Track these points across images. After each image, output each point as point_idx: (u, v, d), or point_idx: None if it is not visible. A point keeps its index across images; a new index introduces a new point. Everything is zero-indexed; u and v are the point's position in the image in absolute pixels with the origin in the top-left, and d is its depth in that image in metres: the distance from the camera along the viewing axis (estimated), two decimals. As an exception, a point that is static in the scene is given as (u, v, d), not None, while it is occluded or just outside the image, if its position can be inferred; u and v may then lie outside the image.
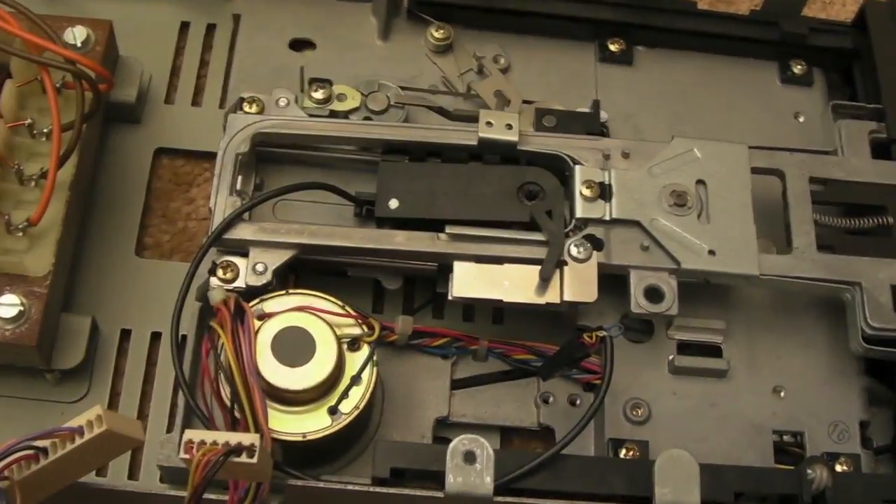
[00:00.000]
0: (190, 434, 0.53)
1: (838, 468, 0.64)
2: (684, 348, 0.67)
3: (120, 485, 0.62)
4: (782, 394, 0.66)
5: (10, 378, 0.65)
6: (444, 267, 0.64)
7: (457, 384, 0.66)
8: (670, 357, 0.66)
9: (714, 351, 0.67)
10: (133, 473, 0.64)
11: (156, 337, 0.67)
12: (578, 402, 0.66)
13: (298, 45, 0.74)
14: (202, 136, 0.72)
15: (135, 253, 0.70)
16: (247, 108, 0.67)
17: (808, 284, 0.65)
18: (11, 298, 0.62)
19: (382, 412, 0.65)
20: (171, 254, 0.71)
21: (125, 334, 0.67)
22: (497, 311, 0.69)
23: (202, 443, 0.53)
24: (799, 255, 0.65)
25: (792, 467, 0.62)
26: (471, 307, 0.69)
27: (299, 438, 0.59)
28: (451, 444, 0.57)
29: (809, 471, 0.60)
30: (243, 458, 0.52)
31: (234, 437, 0.53)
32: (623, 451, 0.63)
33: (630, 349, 0.66)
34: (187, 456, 0.52)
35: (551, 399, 0.66)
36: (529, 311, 0.64)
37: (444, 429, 0.65)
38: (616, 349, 0.64)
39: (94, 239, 0.69)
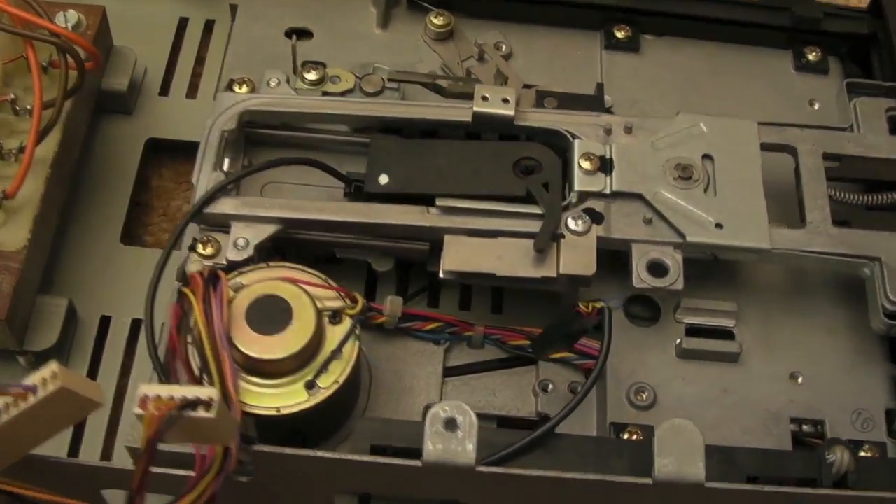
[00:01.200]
0: (145, 388, 0.49)
1: (864, 455, 0.58)
2: (693, 332, 0.62)
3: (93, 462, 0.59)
4: (800, 380, 0.61)
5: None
6: (436, 247, 0.61)
7: (449, 371, 0.62)
8: (678, 340, 0.62)
9: (725, 334, 0.62)
10: (107, 455, 0.61)
11: (136, 325, 0.65)
12: (580, 389, 0.61)
13: (295, 34, 0.72)
14: (196, 128, 0.70)
15: (120, 241, 0.68)
16: (237, 89, 0.66)
17: (825, 260, 0.60)
18: (-17, 272, 0.60)
19: (370, 397, 0.61)
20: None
21: (105, 321, 0.65)
22: (495, 299, 0.65)
23: (157, 397, 0.49)
24: (813, 230, 0.61)
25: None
26: (468, 295, 0.65)
27: (274, 413, 0.55)
28: (431, 410, 0.52)
29: (829, 454, 0.55)
30: (200, 413, 0.48)
31: (192, 391, 0.49)
32: (626, 436, 0.58)
33: (635, 332, 0.62)
34: (141, 411, 0.49)
35: (550, 387, 0.62)
36: (526, 288, 0.61)
37: (436, 416, 0.61)
38: (621, 332, 0.61)
39: (80, 224, 0.67)
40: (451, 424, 0.52)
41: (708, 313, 0.62)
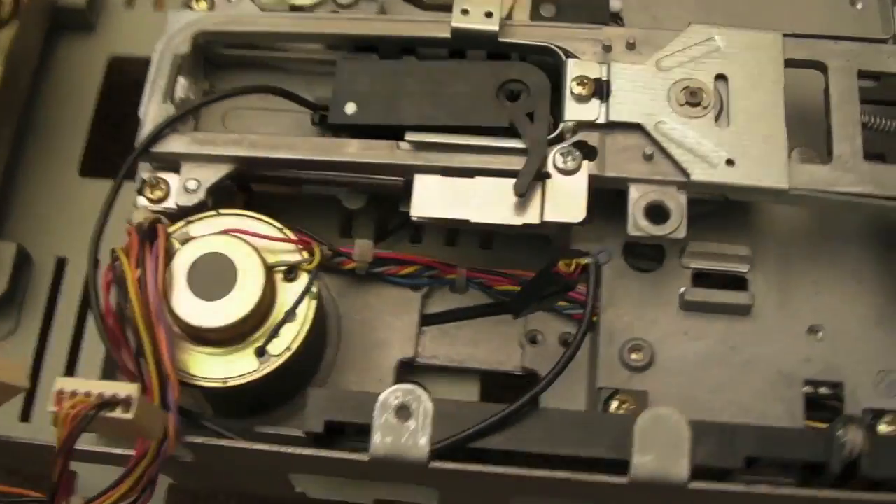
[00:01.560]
0: (62, 383, 0.44)
1: (884, 428, 0.51)
2: (700, 279, 0.55)
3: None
4: (819, 335, 0.54)
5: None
6: (409, 183, 0.55)
7: (427, 320, 0.56)
8: (682, 290, 0.54)
9: (737, 283, 0.55)
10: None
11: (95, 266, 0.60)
12: (571, 343, 0.54)
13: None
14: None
15: (79, 174, 0.62)
16: (194, 6, 0.59)
17: (853, 202, 0.52)
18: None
19: (339, 351, 0.56)
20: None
21: (60, 264, 0.60)
22: (484, 235, 0.59)
23: (73, 393, 0.44)
24: (841, 165, 0.53)
25: (824, 425, 0.50)
26: (454, 230, 0.59)
27: (220, 385, 0.50)
28: (381, 397, 0.47)
29: (840, 433, 0.49)
30: (118, 414, 0.44)
31: (111, 388, 0.44)
32: (615, 405, 0.52)
33: (633, 279, 0.55)
34: (55, 409, 0.44)
35: (539, 338, 0.56)
36: (510, 233, 0.54)
37: (411, 373, 0.56)
38: (617, 279, 0.55)
39: (32, 158, 0.62)
40: (403, 413, 0.47)
41: (718, 258, 0.55)
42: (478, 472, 0.47)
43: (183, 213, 0.54)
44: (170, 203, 0.54)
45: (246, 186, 0.57)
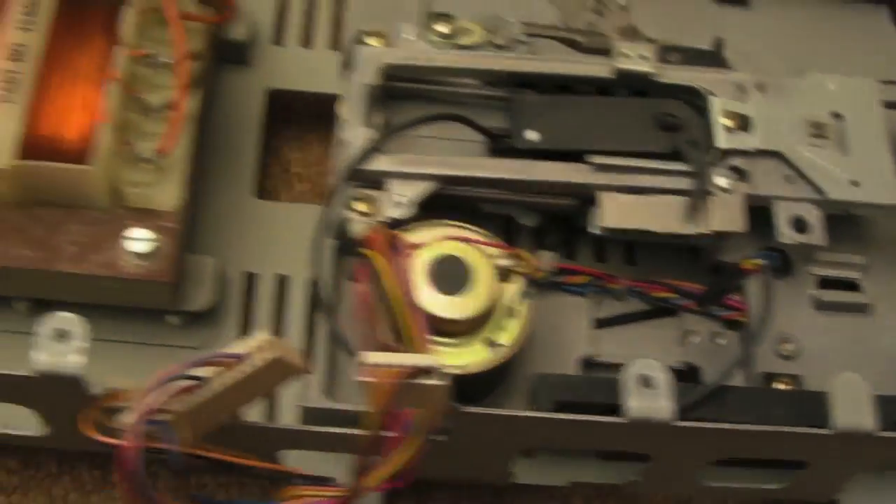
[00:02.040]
0: (370, 356, 0.50)
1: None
2: (825, 283, 0.65)
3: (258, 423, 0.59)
4: (926, 329, 0.65)
5: (132, 323, 0.61)
6: (584, 202, 0.63)
7: (600, 323, 0.64)
8: (812, 292, 0.64)
9: (854, 286, 0.65)
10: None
11: (282, 280, 0.65)
12: (720, 339, 0.63)
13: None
14: (314, 77, 0.70)
15: (253, 195, 0.67)
16: (369, 41, 0.65)
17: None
18: (144, 233, 0.58)
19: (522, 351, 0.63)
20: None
21: (250, 277, 0.64)
22: (629, 250, 0.67)
23: (381, 365, 0.50)
24: (940, 186, 0.64)
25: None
26: (603, 245, 0.67)
27: (459, 371, 0.56)
28: (627, 369, 0.55)
29: None
30: (428, 381, 0.50)
31: (413, 359, 0.50)
32: (777, 385, 0.61)
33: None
34: (372, 379, 0.49)
35: (694, 338, 0.64)
36: (673, 244, 0.63)
37: (588, 369, 0.63)
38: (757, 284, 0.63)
39: (212, 180, 0.66)
40: (646, 381, 0.55)
41: (838, 266, 0.65)
42: (715, 428, 0.55)
43: (391, 225, 0.60)
44: (378, 216, 0.60)
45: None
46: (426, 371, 0.50)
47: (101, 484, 0.63)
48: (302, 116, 0.73)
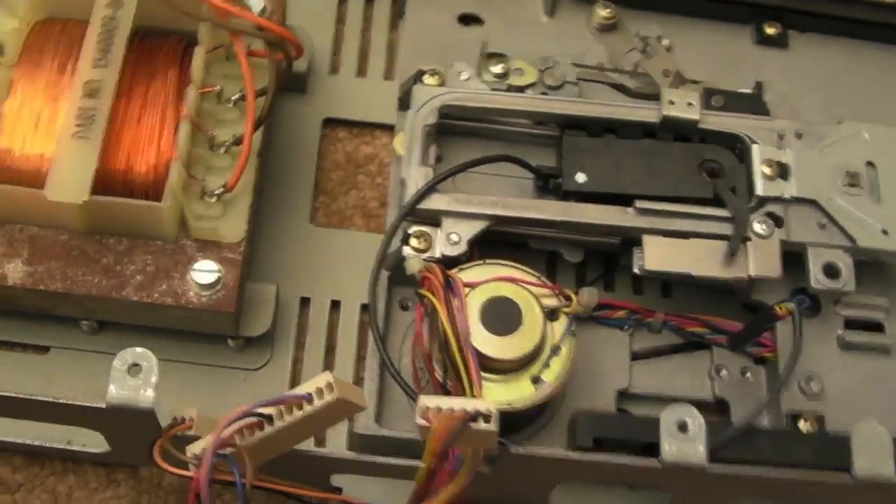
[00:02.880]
0: (426, 400, 0.53)
1: None
2: (850, 324, 0.68)
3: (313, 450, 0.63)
4: (947, 371, 0.68)
5: (193, 345, 0.65)
6: (626, 241, 0.66)
7: (636, 356, 0.67)
8: (839, 332, 0.68)
9: (879, 327, 0.68)
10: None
11: (334, 306, 0.68)
12: (749, 374, 0.67)
13: (466, 20, 0.74)
14: (369, 107, 0.73)
15: (309, 222, 0.70)
16: (427, 81, 0.68)
17: None
18: (209, 264, 0.62)
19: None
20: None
21: (304, 302, 0.68)
22: (665, 285, 0.70)
23: (438, 409, 0.53)
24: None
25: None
26: (640, 281, 0.70)
27: (507, 407, 0.60)
28: (664, 414, 0.58)
29: None
30: (481, 426, 0.53)
31: (467, 404, 0.53)
32: (802, 423, 0.65)
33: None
34: (426, 423, 0.53)
35: (724, 372, 0.67)
36: (711, 285, 0.66)
37: (625, 401, 0.66)
38: (785, 325, 0.66)
39: (271, 208, 0.70)
40: (682, 426, 0.58)
41: (863, 307, 0.68)
42: (746, 475, 0.58)
43: (446, 262, 0.63)
44: (435, 253, 0.63)
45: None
46: (478, 416, 0.53)
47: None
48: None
